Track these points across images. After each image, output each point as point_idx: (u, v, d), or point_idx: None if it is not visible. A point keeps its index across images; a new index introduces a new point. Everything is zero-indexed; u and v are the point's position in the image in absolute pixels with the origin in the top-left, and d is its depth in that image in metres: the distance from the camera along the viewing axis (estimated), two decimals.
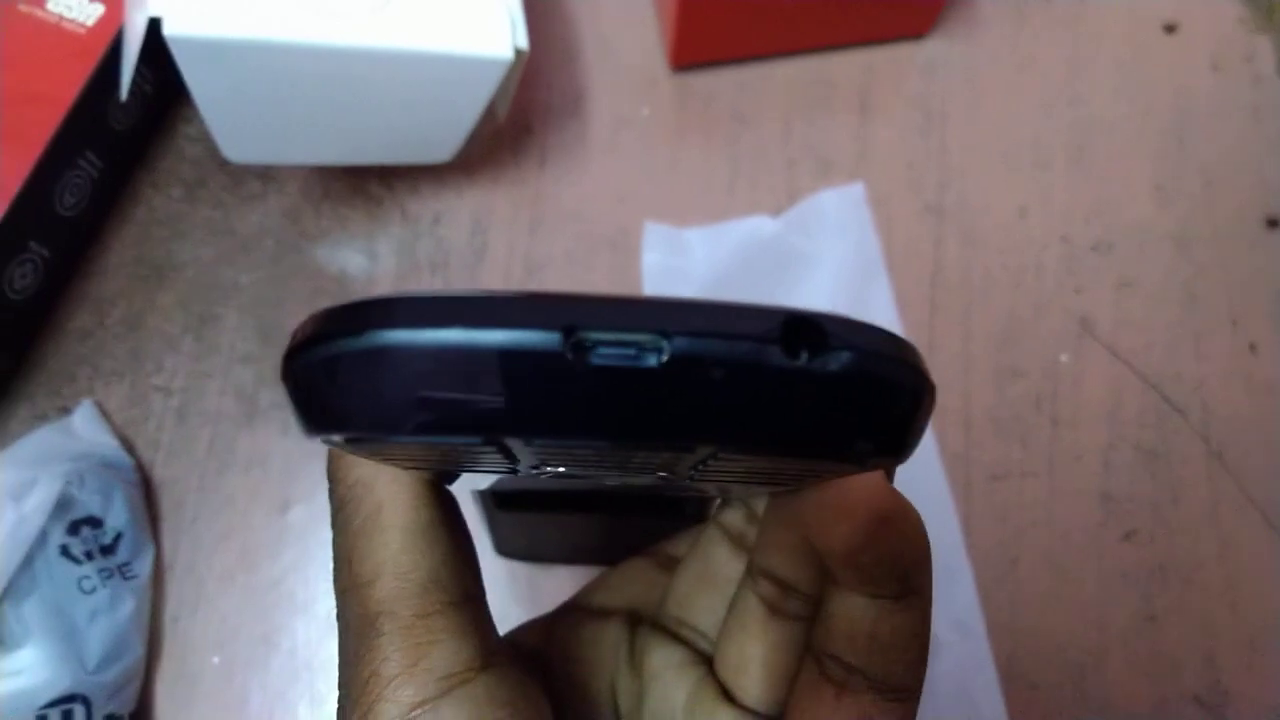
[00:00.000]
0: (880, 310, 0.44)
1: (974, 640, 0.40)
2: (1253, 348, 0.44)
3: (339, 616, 0.19)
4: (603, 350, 0.11)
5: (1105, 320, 0.45)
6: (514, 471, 0.16)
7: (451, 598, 0.18)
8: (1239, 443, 0.43)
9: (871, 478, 0.17)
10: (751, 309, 0.12)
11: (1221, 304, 0.45)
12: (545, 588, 0.39)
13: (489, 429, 0.12)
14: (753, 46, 0.48)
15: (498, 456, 0.14)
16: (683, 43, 0.46)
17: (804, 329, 0.12)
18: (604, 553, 0.37)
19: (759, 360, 0.12)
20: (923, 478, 0.42)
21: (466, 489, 0.20)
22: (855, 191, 0.46)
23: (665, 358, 0.11)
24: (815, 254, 0.45)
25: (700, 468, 0.14)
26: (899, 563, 0.17)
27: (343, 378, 0.12)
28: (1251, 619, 0.40)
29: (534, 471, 0.15)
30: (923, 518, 0.43)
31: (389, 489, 0.18)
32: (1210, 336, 0.44)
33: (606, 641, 0.23)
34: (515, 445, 0.13)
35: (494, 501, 0.31)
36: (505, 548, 0.38)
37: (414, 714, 0.17)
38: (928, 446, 0.42)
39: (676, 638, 0.22)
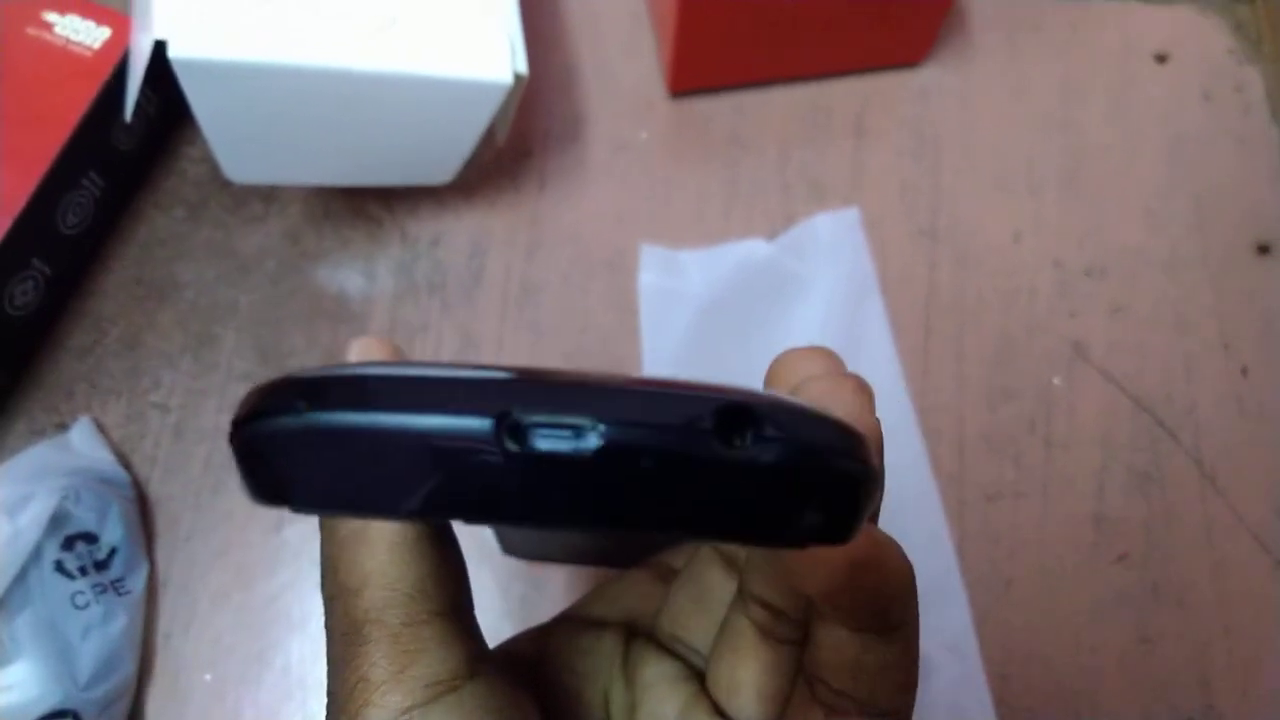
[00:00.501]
0: (874, 332, 0.44)
1: (967, 661, 0.39)
2: (1244, 371, 0.44)
3: (326, 623, 0.19)
4: (535, 435, 0.11)
5: (1098, 344, 0.45)
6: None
7: (438, 608, 0.18)
8: (1231, 465, 0.43)
9: None
10: (688, 393, 0.12)
11: (1213, 328, 0.45)
12: (540, 606, 0.39)
13: (422, 512, 0.12)
14: (750, 73, 0.49)
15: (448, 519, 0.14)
16: (681, 68, 0.47)
17: (739, 417, 0.12)
18: (607, 555, 0.37)
19: (691, 450, 0.11)
20: (916, 498, 0.42)
21: None
22: (850, 215, 0.46)
23: (597, 446, 0.11)
24: (810, 277, 0.45)
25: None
26: (879, 601, 0.17)
27: (280, 455, 0.12)
28: (1245, 641, 0.40)
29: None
30: (917, 537, 0.43)
31: None
32: (1202, 360, 0.45)
33: (601, 652, 0.23)
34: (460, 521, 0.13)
35: None
36: (511, 548, 0.38)
37: (401, 719, 0.17)
38: (921, 467, 0.42)
39: (671, 652, 0.23)
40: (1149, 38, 0.52)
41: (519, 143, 0.47)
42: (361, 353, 0.21)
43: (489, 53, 0.38)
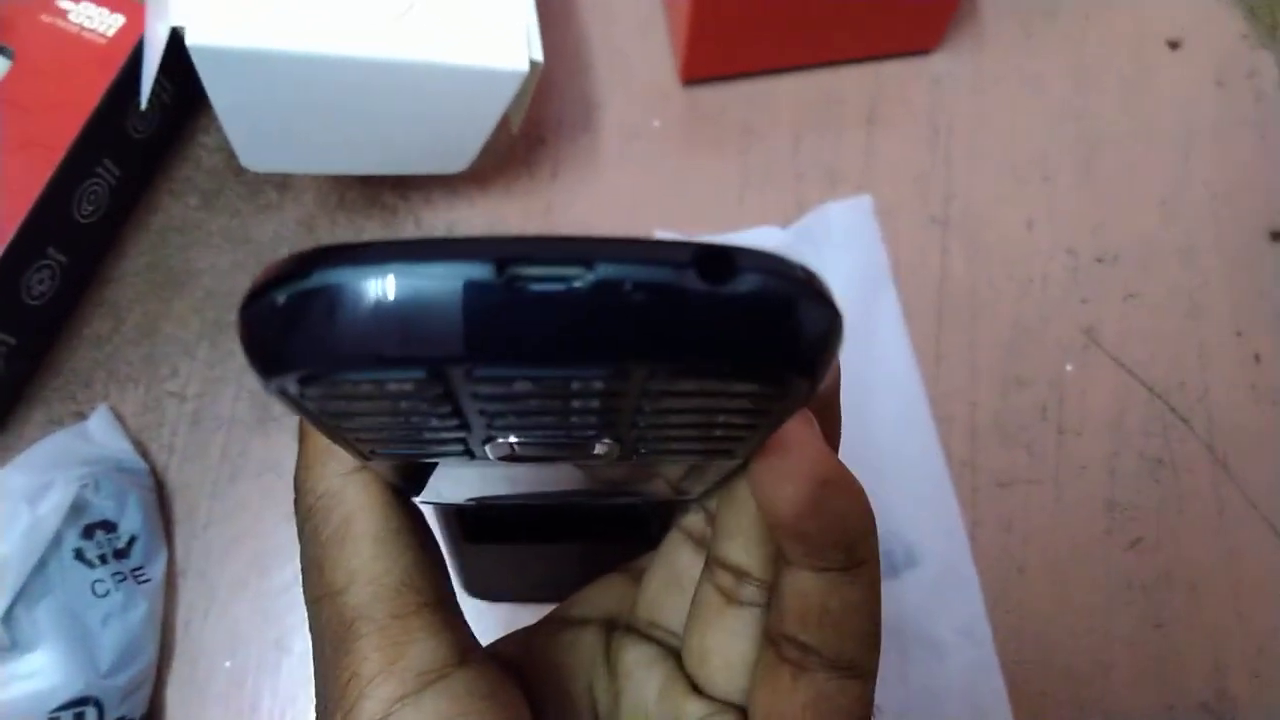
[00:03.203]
0: (888, 320, 0.44)
1: (981, 646, 0.40)
2: (1257, 358, 0.45)
3: (311, 627, 0.19)
4: (533, 280, 0.12)
5: (1110, 331, 0.45)
6: (469, 453, 0.16)
7: (425, 599, 0.19)
8: (1244, 451, 0.43)
9: (815, 446, 0.17)
10: (669, 243, 0.13)
11: (1226, 315, 0.45)
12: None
13: (429, 359, 0.13)
14: (762, 61, 0.49)
15: (447, 423, 0.15)
16: (693, 57, 0.47)
17: (715, 257, 0.13)
18: (573, 589, 0.37)
19: (675, 284, 0.13)
20: (929, 484, 0.42)
21: (435, 521, 0.21)
22: (863, 203, 0.46)
23: (590, 282, 0.12)
24: (823, 264, 0.45)
25: (639, 420, 0.15)
26: (844, 531, 0.18)
27: (293, 318, 0.13)
28: (1258, 626, 0.40)
29: (486, 448, 0.16)
30: (929, 523, 0.43)
31: (358, 499, 0.19)
32: (1215, 347, 0.45)
33: (583, 647, 0.24)
34: (460, 390, 0.14)
35: (461, 534, 0.31)
36: (474, 587, 0.38)
37: (395, 709, 0.17)
38: (934, 454, 0.42)
39: (649, 638, 0.23)
40: (1162, 24, 0.51)
41: (533, 131, 0.47)
42: None
43: (505, 41, 0.38)
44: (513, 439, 0.16)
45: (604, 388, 0.14)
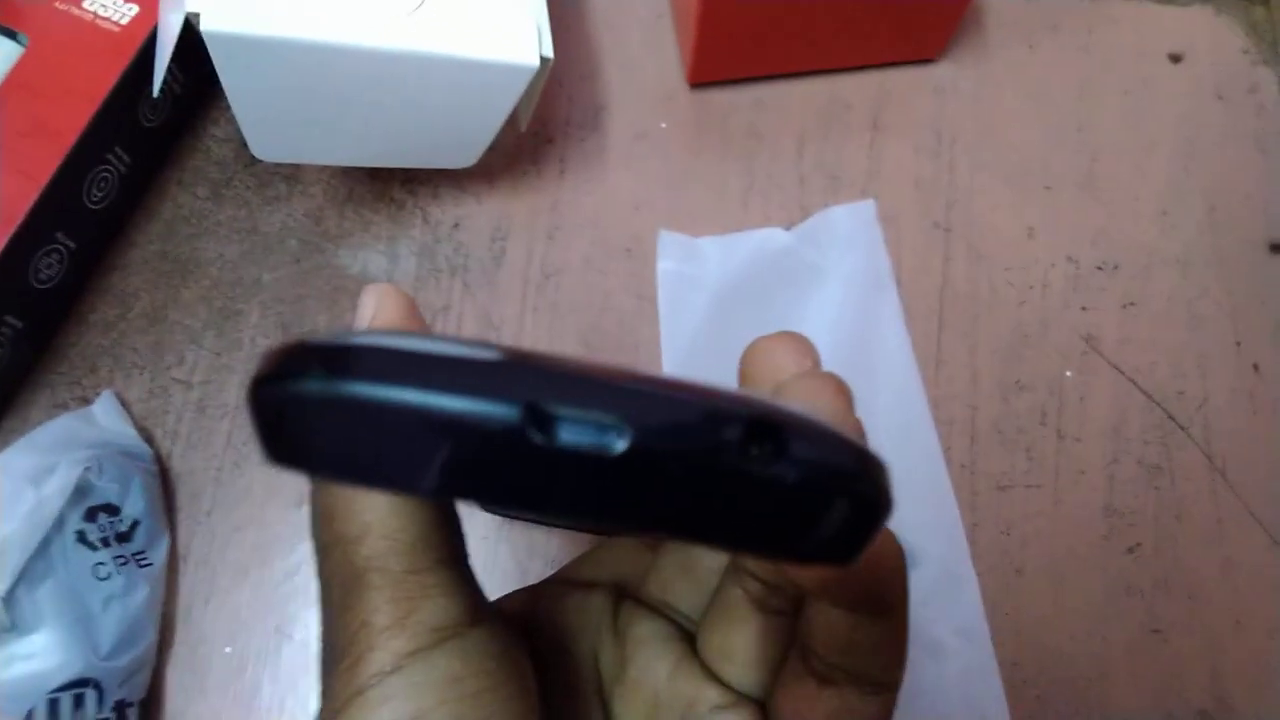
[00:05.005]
0: (889, 323, 0.45)
1: (979, 648, 0.40)
2: (1256, 368, 0.45)
3: (319, 572, 0.19)
4: (561, 428, 0.11)
5: (1110, 338, 0.45)
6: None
7: (440, 556, 0.18)
8: (1242, 460, 0.43)
9: None
10: (717, 402, 0.12)
11: (1225, 325, 0.46)
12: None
13: (436, 492, 0.12)
14: (769, 66, 0.49)
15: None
16: (701, 61, 0.47)
17: (765, 432, 0.12)
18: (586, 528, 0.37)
19: (716, 462, 0.11)
20: (929, 487, 0.42)
21: None
22: (866, 208, 0.47)
23: (623, 448, 0.11)
24: (826, 267, 0.45)
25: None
26: (872, 589, 0.17)
27: (305, 419, 0.12)
28: (1256, 634, 0.41)
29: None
30: (929, 525, 0.43)
31: None
32: (1214, 356, 0.45)
33: (591, 609, 0.24)
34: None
35: None
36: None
37: (405, 662, 0.17)
38: (934, 456, 0.42)
39: (660, 614, 0.23)
40: (1164, 38, 0.52)
41: (540, 129, 0.47)
42: (376, 300, 0.21)
43: (516, 36, 0.39)
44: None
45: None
